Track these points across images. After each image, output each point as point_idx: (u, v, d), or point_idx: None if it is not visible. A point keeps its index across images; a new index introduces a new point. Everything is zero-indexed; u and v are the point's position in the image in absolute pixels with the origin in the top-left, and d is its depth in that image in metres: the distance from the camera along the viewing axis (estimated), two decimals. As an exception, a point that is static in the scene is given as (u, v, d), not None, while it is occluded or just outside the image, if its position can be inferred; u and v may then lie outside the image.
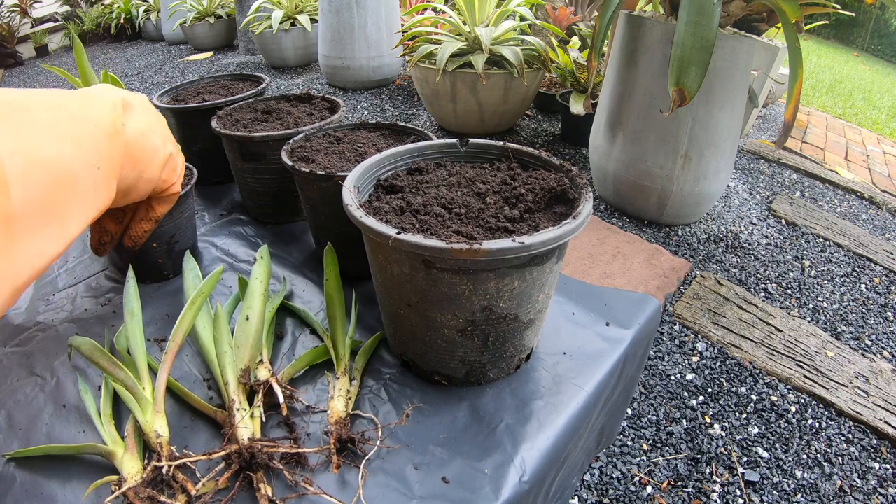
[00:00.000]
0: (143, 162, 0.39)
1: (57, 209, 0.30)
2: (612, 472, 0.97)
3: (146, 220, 0.47)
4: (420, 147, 0.51)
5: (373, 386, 0.45)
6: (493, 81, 1.98)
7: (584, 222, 0.39)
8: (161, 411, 0.40)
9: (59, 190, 0.30)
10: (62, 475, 0.38)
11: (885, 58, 8.25)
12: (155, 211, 0.47)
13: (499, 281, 0.38)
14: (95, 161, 0.33)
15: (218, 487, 0.36)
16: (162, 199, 0.47)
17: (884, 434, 1.09)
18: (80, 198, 0.32)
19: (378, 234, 0.37)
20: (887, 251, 1.78)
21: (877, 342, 1.37)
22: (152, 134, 0.40)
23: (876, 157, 2.91)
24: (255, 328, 0.45)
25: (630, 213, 1.72)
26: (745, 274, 1.55)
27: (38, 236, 0.29)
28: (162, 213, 0.48)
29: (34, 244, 0.29)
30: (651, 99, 1.49)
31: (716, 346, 1.27)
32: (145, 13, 4.63)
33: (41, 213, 0.29)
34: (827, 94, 4.48)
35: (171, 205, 0.49)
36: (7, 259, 0.27)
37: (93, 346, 0.42)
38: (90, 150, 0.33)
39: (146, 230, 0.48)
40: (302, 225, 0.69)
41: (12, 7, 5.08)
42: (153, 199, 0.47)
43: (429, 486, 0.37)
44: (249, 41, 3.55)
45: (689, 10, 1.22)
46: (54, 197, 0.30)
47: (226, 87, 0.82)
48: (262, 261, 0.51)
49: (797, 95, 1.31)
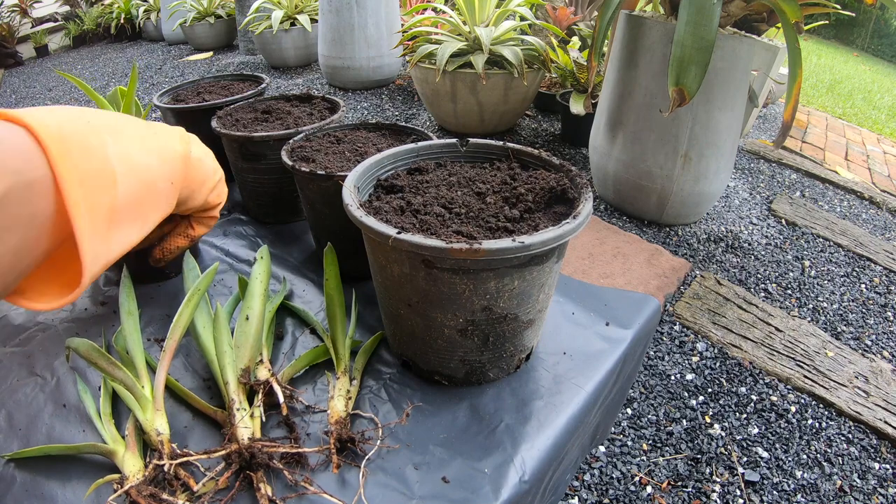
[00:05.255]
0: (198, 182, 0.46)
1: (143, 209, 0.38)
2: (612, 472, 0.97)
3: (183, 237, 0.51)
4: (420, 147, 0.51)
5: (373, 386, 0.45)
6: (493, 81, 1.98)
7: (583, 222, 0.39)
8: (161, 409, 0.40)
9: (146, 194, 0.38)
10: (62, 475, 0.38)
11: (885, 58, 8.26)
12: (194, 230, 0.51)
13: (499, 281, 0.38)
14: (170, 177, 0.41)
15: (218, 487, 0.36)
16: (202, 220, 0.51)
17: (884, 434, 1.09)
18: (156, 203, 0.39)
19: (378, 234, 0.37)
20: (887, 251, 1.78)
21: (877, 342, 1.37)
22: (208, 159, 0.48)
23: (876, 157, 2.91)
24: (255, 328, 0.45)
25: (630, 213, 1.72)
26: (745, 274, 1.55)
27: (128, 228, 0.36)
28: (199, 235, 0.52)
29: (124, 234, 0.36)
30: (651, 99, 1.49)
31: (716, 346, 1.27)
32: (145, 13, 4.63)
33: (132, 210, 0.36)
34: (827, 94, 4.48)
35: (208, 229, 0.53)
36: (106, 243, 0.34)
37: (90, 346, 0.42)
38: (168, 167, 0.41)
39: (180, 246, 0.51)
40: (302, 225, 0.69)
41: (12, 7, 5.08)
42: (194, 220, 0.51)
43: (429, 486, 0.37)
44: (249, 41, 3.54)
45: (689, 10, 1.22)
46: (143, 199, 0.37)
47: (226, 87, 0.82)
48: (262, 261, 0.51)
49: (796, 95, 1.31)
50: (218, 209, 0.52)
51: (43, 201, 0.31)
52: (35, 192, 0.30)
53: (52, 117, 0.32)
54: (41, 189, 0.30)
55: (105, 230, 0.34)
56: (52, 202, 0.31)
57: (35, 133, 0.30)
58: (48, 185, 0.31)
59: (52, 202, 0.31)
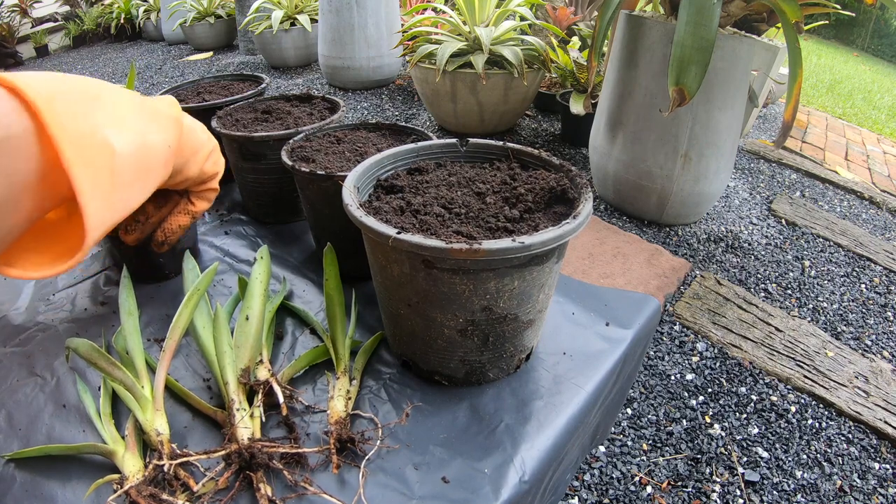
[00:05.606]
0: (191, 150, 0.45)
1: (142, 171, 0.38)
2: (612, 472, 0.97)
3: (184, 214, 0.51)
4: (420, 147, 0.51)
5: (373, 386, 0.45)
6: (493, 81, 1.98)
7: (583, 222, 0.39)
8: (161, 409, 0.40)
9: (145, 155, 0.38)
10: (62, 475, 0.38)
11: (885, 58, 8.26)
12: (195, 205, 0.51)
13: (499, 281, 0.38)
14: (167, 139, 0.41)
15: (218, 487, 0.36)
16: (201, 194, 0.51)
17: (884, 434, 1.09)
18: (155, 165, 0.40)
19: (378, 234, 0.37)
20: (887, 251, 1.78)
21: (877, 342, 1.37)
22: (200, 129, 0.48)
23: (876, 157, 2.91)
24: (254, 328, 0.45)
25: (630, 213, 1.72)
26: (745, 274, 1.55)
27: (129, 190, 0.37)
28: (201, 210, 0.51)
29: (125, 195, 0.37)
30: (651, 99, 1.49)
31: (716, 346, 1.27)
32: (145, 13, 4.63)
33: (132, 171, 0.37)
34: (827, 94, 4.48)
35: (208, 203, 0.52)
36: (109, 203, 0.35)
37: (90, 346, 0.42)
38: (164, 130, 0.41)
39: (182, 224, 0.51)
40: (302, 225, 0.69)
41: (12, 7, 5.08)
42: (192, 194, 0.50)
43: (429, 486, 0.37)
44: (249, 41, 3.54)
45: (689, 10, 1.22)
46: (141, 160, 0.38)
47: (226, 87, 0.82)
48: (262, 261, 0.51)
49: (796, 95, 1.31)
50: (215, 180, 0.51)
51: (21, 159, 0.30)
52: (13, 148, 0.30)
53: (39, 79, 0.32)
54: (19, 146, 0.30)
55: (108, 190, 0.34)
56: (34, 161, 0.31)
57: (21, 93, 0.30)
58: (28, 143, 0.30)
59: (34, 161, 0.31)
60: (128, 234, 0.50)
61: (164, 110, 0.42)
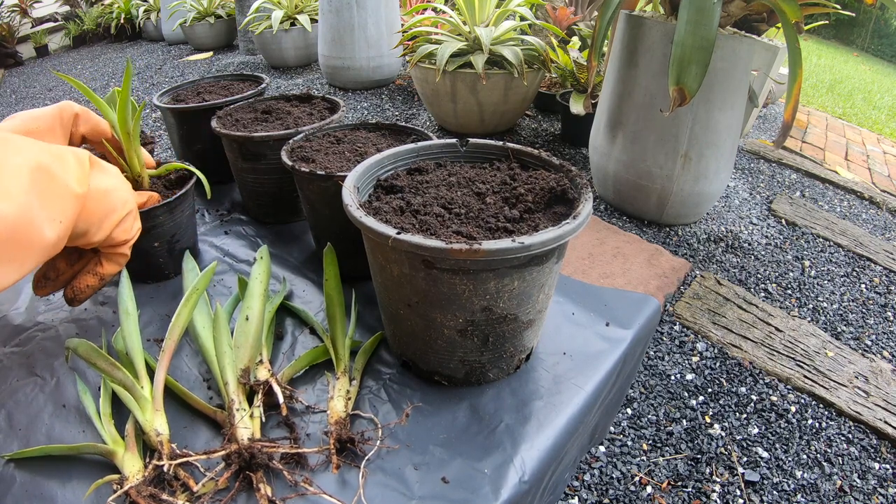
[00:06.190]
0: (98, 216, 0.43)
1: (19, 250, 0.36)
2: (612, 472, 0.97)
3: (93, 275, 0.47)
4: (420, 147, 0.51)
5: (372, 386, 0.45)
6: (493, 81, 1.98)
7: (583, 222, 0.39)
8: (160, 409, 0.40)
9: (20, 236, 0.35)
10: (62, 475, 0.38)
11: (885, 58, 8.26)
12: (104, 268, 0.47)
13: (498, 281, 0.38)
14: (59, 216, 0.38)
15: (218, 487, 0.36)
16: (111, 257, 0.47)
17: (884, 434, 1.09)
18: (39, 243, 0.37)
19: (378, 235, 0.37)
20: (887, 251, 1.78)
21: (877, 342, 1.37)
22: (118, 192, 0.45)
23: (876, 157, 2.91)
24: (254, 328, 0.45)
25: (630, 213, 1.72)
26: (745, 274, 1.55)
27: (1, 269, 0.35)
28: (110, 274, 0.48)
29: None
30: (651, 99, 1.49)
31: (716, 346, 1.27)
32: (145, 13, 4.63)
33: (7, 248, 0.35)
34: (827, 94, 4.48)
35: (119, 268, 0.49)
36: None
37: (89, 347, 0.42)
38: (59, 207, 0.38)
39: (90, 285, 0.48)
40: (302, 225, 0.69)
41: (12, 7, 5.08)
42: (102, 256, 0.47)
43: (428, 486, 0.37)
44: (249, 41, 3.54)
45: (689, 10, 1.22)
46: (16, 241, 0.35)
47: (226, 87, 0.82)
48: (262, 261, 0.51)
49: (796, 95, 1.30)
50: (127, 246, 0.47)
51: None
52: None
53: None
54: None
55: None
56: None
57: None
58: None
59: None
60: (39, 289, 0.48)
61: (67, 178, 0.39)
